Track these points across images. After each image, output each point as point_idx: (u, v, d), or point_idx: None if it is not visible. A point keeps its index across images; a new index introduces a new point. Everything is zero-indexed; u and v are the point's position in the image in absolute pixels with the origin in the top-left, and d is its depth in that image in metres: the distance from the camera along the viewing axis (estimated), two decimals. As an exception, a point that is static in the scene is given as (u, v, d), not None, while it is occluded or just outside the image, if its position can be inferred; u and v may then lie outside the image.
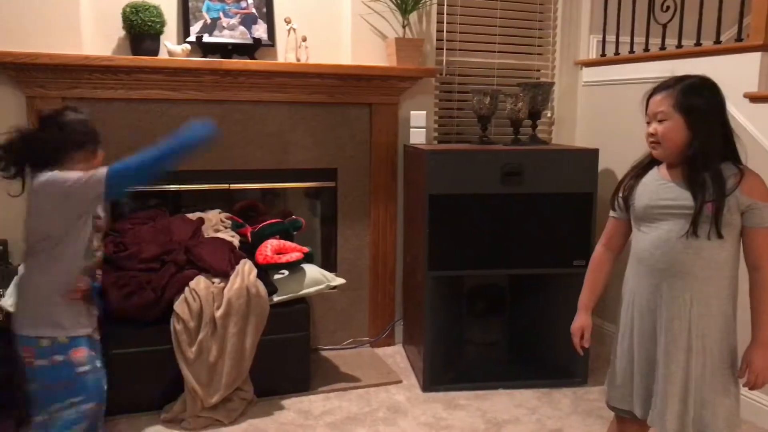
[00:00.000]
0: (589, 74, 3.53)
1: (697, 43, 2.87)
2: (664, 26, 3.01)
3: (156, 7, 2.81)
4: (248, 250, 2.77)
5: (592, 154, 2.87)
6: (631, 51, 3.24)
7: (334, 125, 3.20)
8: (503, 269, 2.95)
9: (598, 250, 1.93)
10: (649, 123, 1.70)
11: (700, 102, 1.64)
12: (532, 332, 3.13)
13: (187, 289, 2.51)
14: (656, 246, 1.70)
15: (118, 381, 2.48)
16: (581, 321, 1.93)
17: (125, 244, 2.63)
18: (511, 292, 3.20)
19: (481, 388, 2.91)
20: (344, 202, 3.29)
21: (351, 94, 3.17)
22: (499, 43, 3.50)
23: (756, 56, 2.57)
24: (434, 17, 3.33)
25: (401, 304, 3.42)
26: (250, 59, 3.00)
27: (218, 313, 2.51)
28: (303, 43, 3.06)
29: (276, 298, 2.67)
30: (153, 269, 2.56)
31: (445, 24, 3.37)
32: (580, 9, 3.54)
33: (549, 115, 3.61)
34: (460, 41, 3.43)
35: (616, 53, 3.36)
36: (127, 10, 2.76)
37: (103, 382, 1.91)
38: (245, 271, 2.61)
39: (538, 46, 3.59)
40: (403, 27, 3.18)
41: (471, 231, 2.84)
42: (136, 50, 2.82)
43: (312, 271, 2.80)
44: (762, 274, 1.64)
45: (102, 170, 1.79)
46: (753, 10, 2.59)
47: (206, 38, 2.93)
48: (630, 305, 1.79)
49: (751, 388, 1.69)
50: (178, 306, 2.47)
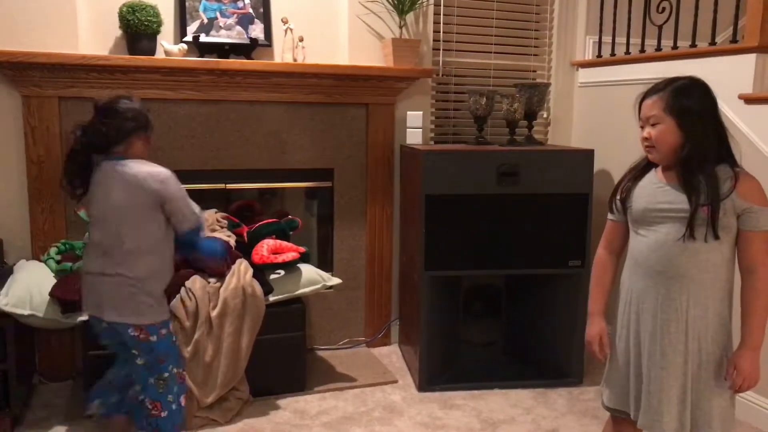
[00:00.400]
0: (585, 75, 3.54)
1: (693, 45, 2.88)
2: (660, 27, 3.02)
3: (153, 7, 2.81)
4: (244, 249, 2.77)
5: (588, 155, 2.88)
6: (627, 52, 3.26)
7: (331, 125, 3.20)
8: (499, 269, 2.96)
9: (600, 254, 1.92)
10: (642, 127, 1.71)
11: (690, 103, 1.64)
12: (528, 332, 3.14)
13: (183, 288, 2.51)
14: (653, 249, 1.70)
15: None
16: (596, 327, 1.88)
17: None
18: (507, 292, 3.21)
19: (477, 387, 2.92)
20: (341, 202, 3.30)
21: (348, 95, 3.17)
22: (495, 44, 3.51)
23: (751, 57, 2.58)
24: (431, 18, 3.33)
25: (397, 304, 3.43)
26: (247, 59, 3.00)
27: (214, 313, 2.51)
28: (300, 43, 3.06)
29: (272, 298, 2.67)
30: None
31: (441, 24, 3.38)
32: (576, 10, 3.55)
33: (545, 115, 3.62)
34: (456, 42, 3.44)
35: (612, 54, 3.37)
36: (124, 9, 2.76)
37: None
38: (241, 270, 2.61)
39: (535, 47, 3.60)
40: (400, 27, 3.19)
41: (467, 231, 2.85)
42: (132, 50, 2.82)
43: (308, 270, 2.81)
44: (756, 277, 1.65)
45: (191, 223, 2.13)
46: (747, 12, 2.61)
47: (203, 38, 2.94)
48: (627, 306, 1.79)
49: (736, 391, 1.69)
50: (174, 306, 2.47)
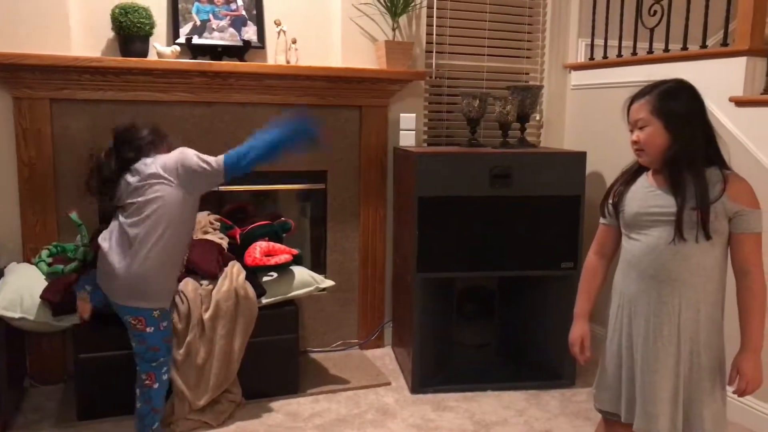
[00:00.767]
0: (577, 77, 3.56)
1: (684, 47, 2.89)
2: (652, 30, 3.04)
3: (145, 9, 2.80)
4: (237, 252, 2.77)
5: (580, 157, 2.89)
6: (619, 54, 3.27)
7: (325, 127, 3.20)
8: (492, 271, 2.96)
9: (591, 257, 1.92)
10: (631, 131, 1.72)
11: (677, 106, 1.65)
12: (520, 334, 3.14)
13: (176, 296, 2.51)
14: (645, 253, 1.71)
15: (103, 383, 2.52)
16: (579, 330, 1.90)
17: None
18: (500, 294, 3.22)
19: (469, 389, 2.92)
20: (334, 204, 3.30)
21: (341, 97, 3.17)
22: (488, 47, 3.52)
23: (741, 61, 2.60)
24: (424, 20, 3.34)
25: (391, 306, 3.43)
26: (240, 61, 3.00)
27: (206, 315, 2.50)
28: (293, 46, 3.06)
29: (265, 301, 2.67)
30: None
31: (434, 27, 3.39)
32: (568, 13, 3.57)
33: (537, 118, 3.63)
34: (449, 44, 3.44)
35: (605, 57, 3.38)
36: (116, 11, 2.76)
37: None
38: (234, 273, 2.61)
39: (527, 49, 3.61)
40: (393, 30, 3.19)
41: (460, 233, 2.85)
42: (125, 51, 2.81)
43: (301, 273, 2.80)
44: (750, 279, 1.65)
45: (220, 159, 2.13)
46: (738, 16, 2.62)
47: (196, 40, 2.93)
48: (619, 309, 1.80)
49: (740, 395, 1.69)
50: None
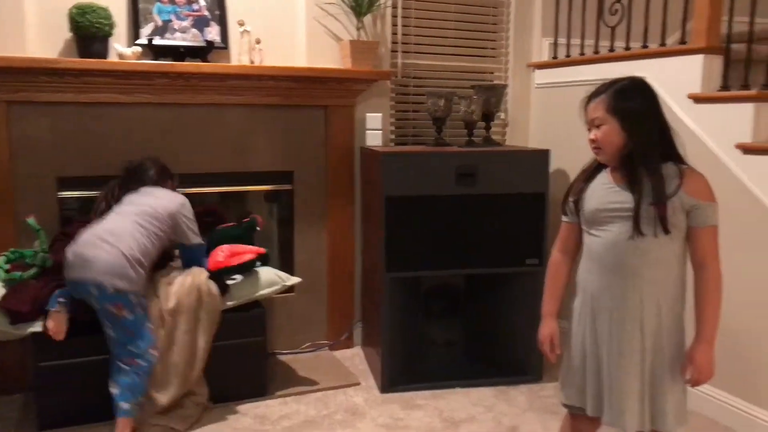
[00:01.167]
0: (541, 76, 3.59)
1: (644, 46, 2.95)
2: (613, 29, 3.09)
3: (104, 9, 2.75)
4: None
5: (544, 155, 2.92)
6: (582, 53, 3.31)
7: (290, 128, 3.19)
8: (459, 269, 2.98)
9: (555, 255, 1.94)
10: (589, 129, 1.74)
11: (631, 104, 1.68)
12: (488, 331, 3.16)
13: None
14: (606, 249, 1.73)
15: (64, 392, 2.47)
16: (548, 328, 1.91)
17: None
18: (468, 291, 3.24)
19: (438, 387, 2.93)
20: (301, 204, 3.28)
21: (306, 97, 3.16)
22: (453, 46, 3.53)
23: (698, 58, 2.65)
24: (389, 20, 3.34)
25: (360, 306, 3.43)
26: (203, 62, 2.96)
27: (167, 307, 2.48)
28: (257, 46, 3.04)
29: (231, 303, 2.65)
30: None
31: (399, 27, 3.39)
32: (532, 12, 3.60)
33: (502, 116, 3.65)
34: (415, 44, 3.45)
35: (567, 55, 3.43)
36: (74, 11, 2.70)
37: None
38: (196, 272, 2.59)
39: (492, 48, 3.64)
40: (358, 29, 3.19)
41: (427, 232, 2.86)
42: (83, 53, 2.76)
43: (266, 272, 2.77)
44: (707, 271, 1.68)
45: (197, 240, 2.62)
46: (695, 15, 2.68)
47: (157, 41, 2.89)
48: (583, 304, 1.82)
49: (693, 386, 1.72)
50: None
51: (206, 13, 3.02)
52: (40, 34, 2.76)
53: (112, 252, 2.31)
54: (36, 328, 2.37)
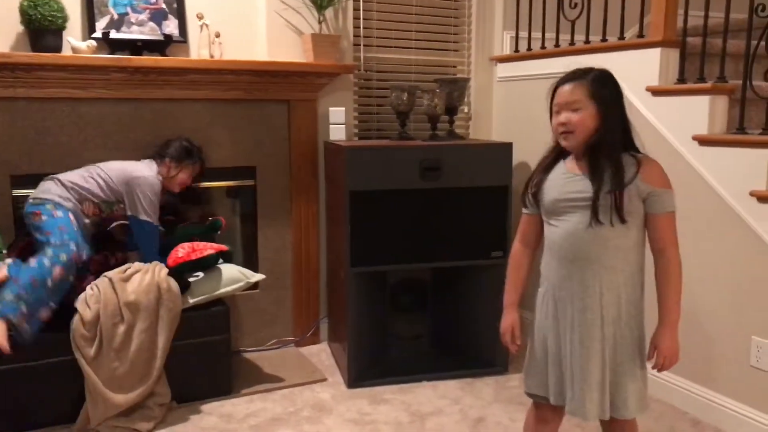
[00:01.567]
0: (503, 70, 3.62)
1: (603, 39, 2.98)
2: (573, 23, 3.12)
3: (57, 2, 2.66)
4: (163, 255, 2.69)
5: (507, 148, 2.94)
6: (543, 46, 3.34)
7: (252, 122, 3.15)
8: (424, 263, 2.98)
9: (516, 247, 1.95)
10: (558, 112, 1.74)
11: (607, 92, 1.70)
12: (454, 324, 3.18)
13: (90, 286, 2.47)
14: (565, 238, 1.74)
15: (19, 396, 2.40)
16: (509, 320, 1.93)
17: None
18: (434, 285, 3.24)
19: (405, 381, 2.93)
20: (264, 200, 3.24)
21: (268, 91, 3.12)
22: (415, 40, 3.53)
23: (656, 52, 2.70)
24: (350, 13, 3.32)
25: (326, 302, 3.41)
26: (161, 56, 2.90)
27: (123, 301, 2.43)
28: (216, 39, 2.99)
29: (193, 300, 2.60)
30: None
31: (361, 20, 3.37)
32: (493, 6, 3.62)
33: (466, 110, 3.67)
34: (377, 37, 3.44)
35: (529, 49, 3.45)
36: (25, 3, 2.61)
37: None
38: (155, 269, 2.54)
39: (454, 42, 3.65)
40: (319, 23, 3.16)
41: (392, 226, 2.85)
42: (36, 46, 2.67)
43: (229, 269, 2.74)
44: (666, 257, 1.71)
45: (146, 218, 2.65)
46: (652, 9, 2.72)
47: (113, 34, 2.82)
48: (545, 294, 1.83)
49: (659, 370, 1.75)
50: (79, 303, 2.41)
51: (164, 5, 2.95)
52: (-11, 28, 2.67)
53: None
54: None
